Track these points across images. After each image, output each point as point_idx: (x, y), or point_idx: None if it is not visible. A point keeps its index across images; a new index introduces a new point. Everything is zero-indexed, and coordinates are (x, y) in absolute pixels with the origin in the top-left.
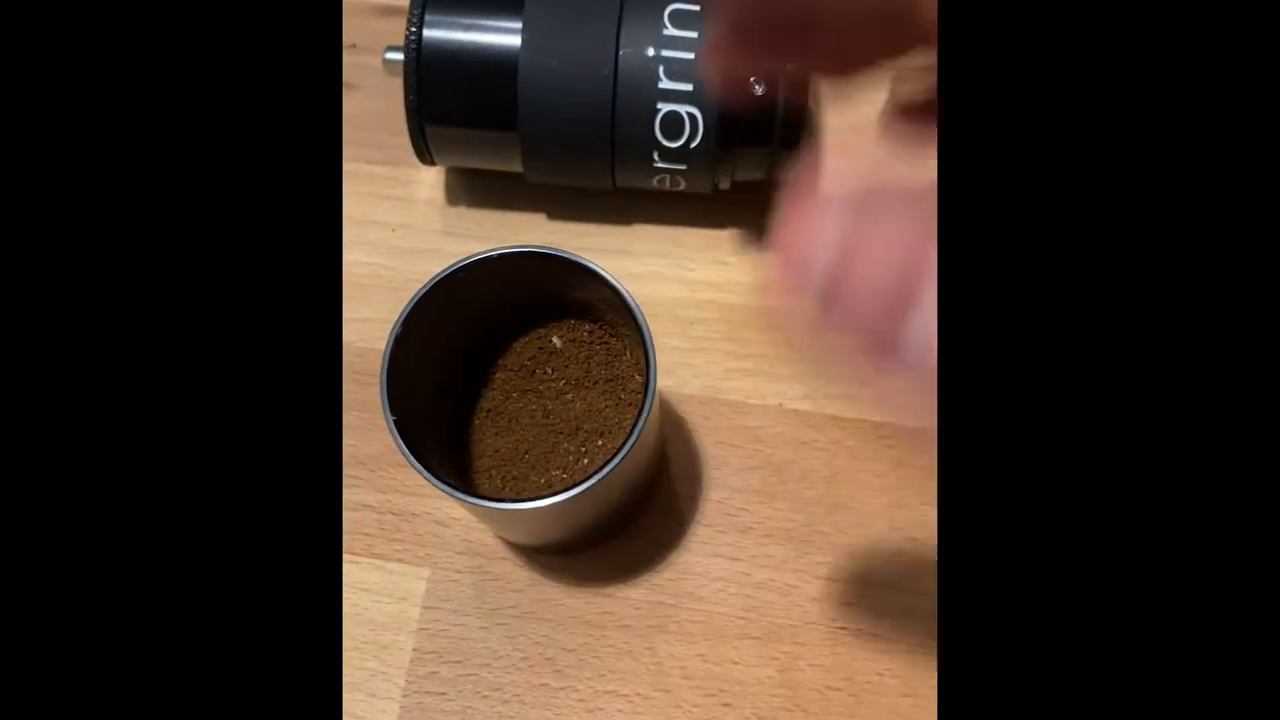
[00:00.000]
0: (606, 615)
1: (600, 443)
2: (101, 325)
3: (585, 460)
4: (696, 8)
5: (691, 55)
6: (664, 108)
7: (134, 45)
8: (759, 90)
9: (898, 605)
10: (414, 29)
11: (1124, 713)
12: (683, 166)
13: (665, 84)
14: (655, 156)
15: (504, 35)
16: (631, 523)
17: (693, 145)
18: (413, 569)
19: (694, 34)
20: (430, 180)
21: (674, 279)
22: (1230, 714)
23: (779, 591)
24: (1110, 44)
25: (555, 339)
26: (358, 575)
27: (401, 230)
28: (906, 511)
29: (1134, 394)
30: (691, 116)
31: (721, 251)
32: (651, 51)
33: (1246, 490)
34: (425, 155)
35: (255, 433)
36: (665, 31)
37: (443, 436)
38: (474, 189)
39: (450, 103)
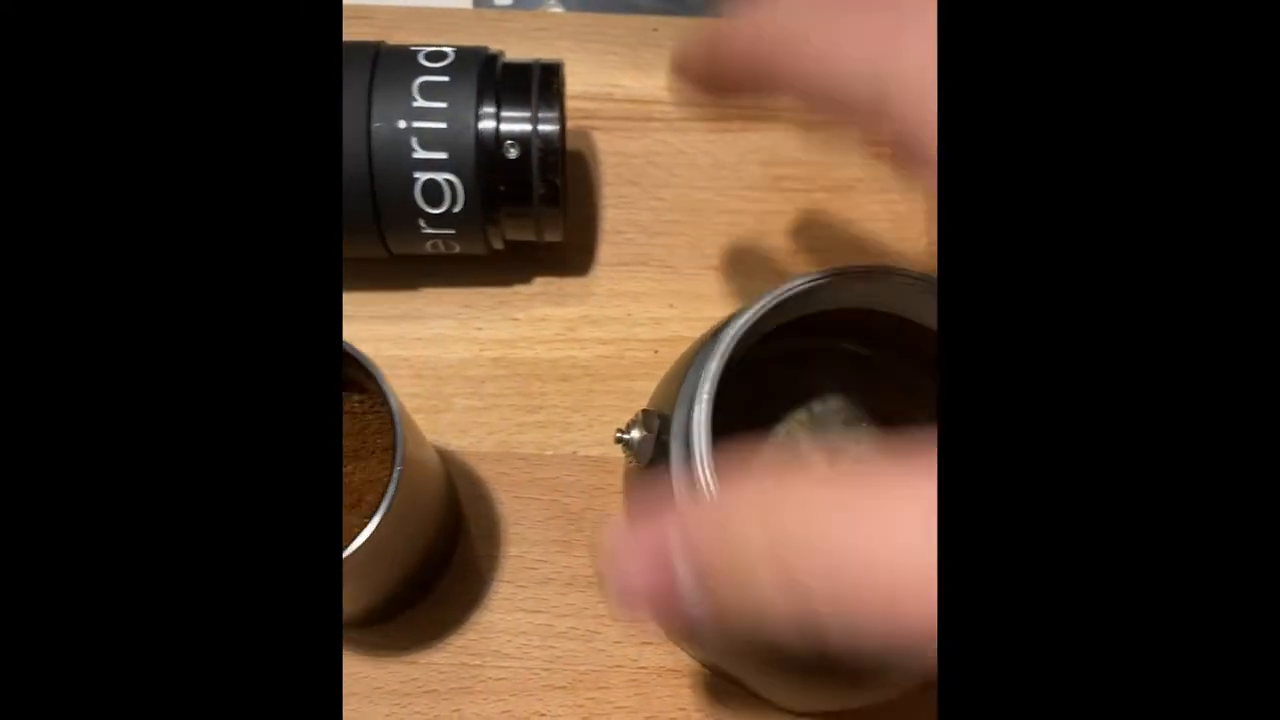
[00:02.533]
0: (411, 683)
1: None
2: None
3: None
4: (446, 79)
5: (443, 125)
6: (421, 176)
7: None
8: (513, 154)
9: None
10: None
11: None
12: (451, 231)
13: (420, 154)
14: (422, 224)
15: None
16: (431, 588)
17: (456, 210)
18: None
19: (443, 104)
20: None
21: (463, 339)
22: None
23: (581, 639)
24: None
25: None
26: None
27: None
28: None
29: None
30: (450, 183)
31: (509, 309)
32: (403, 124)
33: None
34: None
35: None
36: (415, 103)
37: None
38: None
39: None
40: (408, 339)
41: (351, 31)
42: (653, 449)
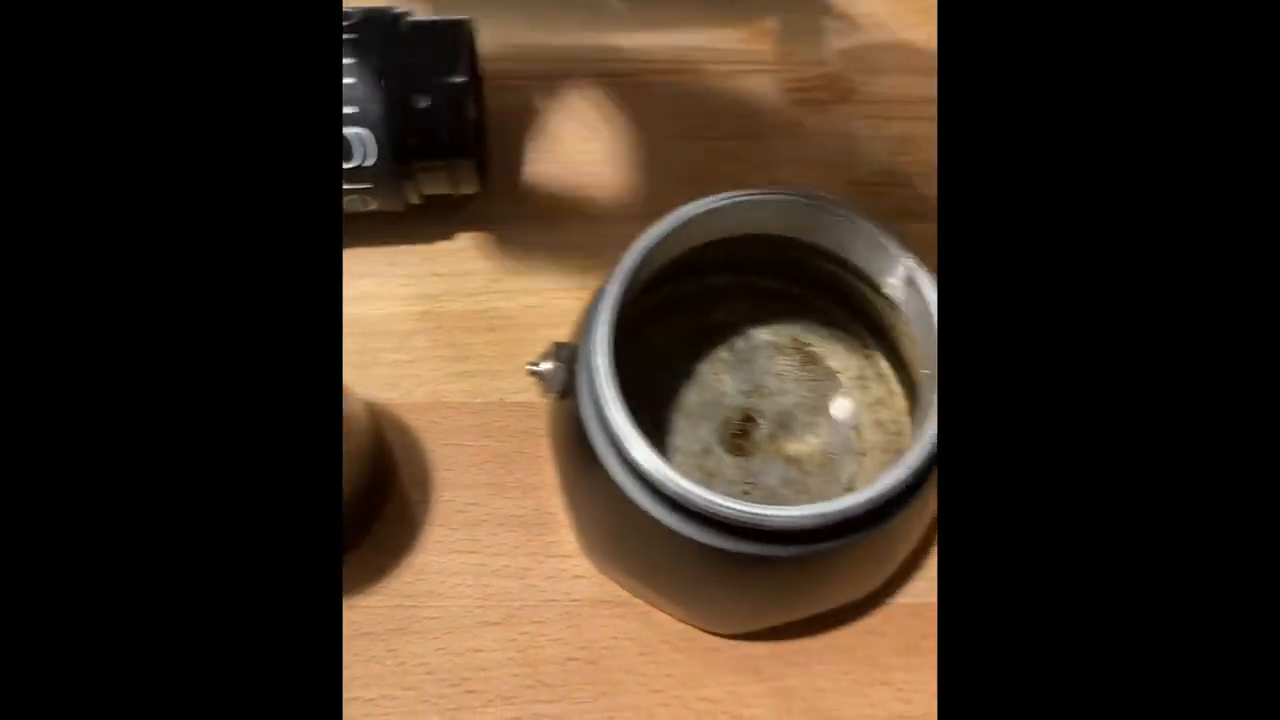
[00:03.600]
0: (348, 626)
1: None
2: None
3: None
4: (354, 35)
5: (352, 80)
6: None
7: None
8: (422, 104)
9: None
10: None
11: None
12: (367, 185)
13: None
14: None
15: None
16: (365, 534)
17: (368, 164)
18: None
19: (351, 60)
20: None
21: (388, 296)
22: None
23: (514, 576)
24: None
25: None
26: None
27: None
28: None
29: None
30: (359, 137)
31: (433, 264)
32: None
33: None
34: None
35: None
36: None
37: None
38: None
39: None
40: None
41: None
42: (564, 379)
